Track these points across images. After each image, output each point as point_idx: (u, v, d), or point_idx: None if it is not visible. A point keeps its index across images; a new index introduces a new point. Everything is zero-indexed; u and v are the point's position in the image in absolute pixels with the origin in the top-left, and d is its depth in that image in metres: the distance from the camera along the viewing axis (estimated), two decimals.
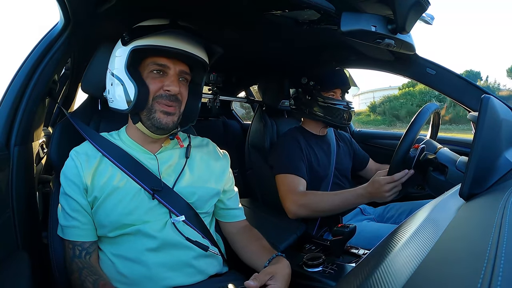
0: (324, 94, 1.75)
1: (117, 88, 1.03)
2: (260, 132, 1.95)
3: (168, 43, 0.99)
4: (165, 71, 1.04)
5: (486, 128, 0.67)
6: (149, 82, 1.03)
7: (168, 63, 1.03)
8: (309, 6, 0.98)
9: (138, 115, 1.05)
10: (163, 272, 1.00)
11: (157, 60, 1.03)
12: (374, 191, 1.37)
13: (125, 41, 1.02)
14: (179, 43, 1.00)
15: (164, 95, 1.03)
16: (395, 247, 0.57)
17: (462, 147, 1.88)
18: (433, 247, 0.47)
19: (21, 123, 1.09)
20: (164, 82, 1.03)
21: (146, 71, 1.04)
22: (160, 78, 1.04)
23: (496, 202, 0.50)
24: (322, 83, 1.77)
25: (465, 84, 1.57)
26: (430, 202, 0.78)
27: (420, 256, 0.46)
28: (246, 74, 2.52)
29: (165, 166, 1.09)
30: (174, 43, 0.99)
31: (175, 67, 1.04)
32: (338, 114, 1.73)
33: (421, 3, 1.07)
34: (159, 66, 1.03)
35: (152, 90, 1.03)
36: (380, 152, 2.30)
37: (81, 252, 1.02)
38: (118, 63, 1.03)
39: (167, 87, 1.02)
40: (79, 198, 1.01)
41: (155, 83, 1.03)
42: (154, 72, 1.04)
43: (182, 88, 1.07)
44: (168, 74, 1.05)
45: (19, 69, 1.12)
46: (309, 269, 1.21)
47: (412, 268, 0.44)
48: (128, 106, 1.02)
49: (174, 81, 1.04)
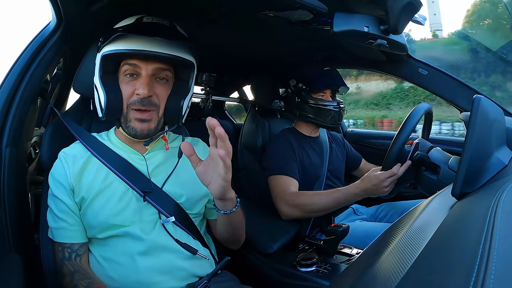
0: (313, 95, 1.74)
1: (95, 97, 1.03)
2: (253, 132, 1.95)
3: (136, 45, 0.95)
4: (137, 72, 1.00)
5: (478, 128, 0.68)
6: (122, 87, 1.01)
7: (138, 63, 0.99)
8: (302, 6, 0.98)
9: (118, 120, 1.05)
10: (154, 277, 0.98)
11: (129, 61, 1.00)
12: (371, 187, 1.37)
13: (99, 47, 1.00)
14: (149, 43, 0.96)
15: (136, 100, 1.00)
16: (388, 246, 0.57)
17: (454, 147, 1.90)
18: (426, 246, 0.48)
19: (12, 124, 1.08)
20: (135, 85, 1.00)
21: (121, 75, 1.02)
22: (132, 81, 1.01)
23: (488, 201, 0.50)
24: (311, 85, 1.76)
25: (457, 84, 1.59)
26: (423, 202, 0.78)
27: (412, 255, 0.47)
28: (239, 74, 2.52)
29: (154, 167, 1.08)
30: (143, 44, 0.95)
31: (148, 67, 1.00)
32: (329, 115, 1.73)
33: (414, 4, 1.08)
34: (131, 67, 1.00)
35: (125, 95, 1.01)
36: (372, 152, 2.31)
37: (70, 254, 1.00)
38: (96, 71, 1.02)
39: (137, 90, 0.99)
40: (66, 199, 1.00)
41: (127, 87, 1.01)
42: (127, 75, 1.01)
43: (159, 88, 1.03)
44: (140, 75, 1.00)
45: (11, 69, 1.11)
46: (302, 269, 1.22)
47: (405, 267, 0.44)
48: (102, 114, 1.01)
49: (144, 83, 0.99)
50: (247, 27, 1.35)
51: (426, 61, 1.64)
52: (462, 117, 1.32)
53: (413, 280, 0.41)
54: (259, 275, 1.33)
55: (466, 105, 1.55)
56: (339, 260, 1.27)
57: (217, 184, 0.87)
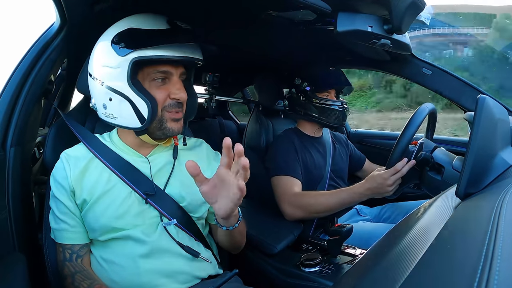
0: (319, 94, 1.74)
1: (123, 105, 0.97)
2: (256, 132, 1.95)
3: (172, 51, 0.94)
4: (168, 77, 1.00)
5: (482, 128, 0.67)
6: (154, 92, 0.98)
7: (171, 69, 0.99)
8: (305, 6, 0.98)
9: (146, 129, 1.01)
10: (155, 279, 0.98)
11: (160, 68, 0.98)
12: (375, 186, 1.37)
13: (120, 50, 0.94)
14: (182, 49, 0.96)
15: (173, 103, 1.00)
16: (392, 247, 0.57)
17: (458, 147, 1.89)
18: (430, 246, 0.48)
19: (17, 124, 1.09)
20: (170, 90, 0.99)
21: (147, 80, 0.98)
22: (164, 86, 1.00)
23: (492, 201, 0.50)
24: (316, 84, 1.75)
25: (461, 84, 1.58)
26: (427, 202, 0.78)
27: (416, 256, 0.46)
28: (242, 74, 2.52)
29: (157, 169, 1.07)
30: (177, 50, 0.95)
31: (178, 72, 1.01)
32: (333, 114, 1.73)
33: (417, 3, 1.07)
34: (163, 74, 0.99)
35: (159, 100, 0.98)
36: (376, 152, 2.30)
37: (71, 256, 1.00)
38: (116, 75, 0.95)
39: (175, 95, 0.99)
40: (66, 201, 1.00)
41: (161, 92, 0.99)
42: (158, 80, 0.99)
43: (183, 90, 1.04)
44: (171, 80, 1.00)
45: (15, 70, 1.12)
46: (306, 269, 1.21)
47: (409, 267, 0.44)
48: (142, 124, 0.97)
49: (180, 87, 1.00)
50: (251, 27, 1.35)
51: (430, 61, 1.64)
52: (466, 117, 1.31)
53: (417, 281, 0.41)
54: (262, 276, 1.33)
55: (470, 105, 1.54)
56: (342, 260, 1.27)
57: (224, 205, 0.85)
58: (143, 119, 0.96)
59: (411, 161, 1.31)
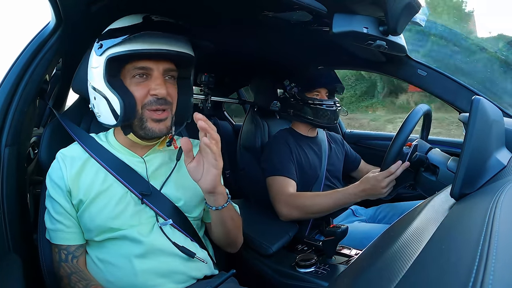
0: (308, 94, 1.74)
1: (101, 103, 0.98)
2: (252, 133, 1.95)
3: (146, 44, 0.92)
4: (148, 73, 0.98)
5: (477, 129, 0.68)
6: (133, 89, 0.97)
7: (150, 64, 0.97)
8: (301, 7, 0.98)
9: (129, 126, 1.01)
10: (151, 279, 0.97)
11: (138, 64, 0.96)
12: (369, 187, 1.38)
13: (98, 50, 0.96)
14: (158, 42, 0.94)
15: (152, 100, 0.97)
16: (387, 247, 0.57)
17: (453, 148, 1.90)
18: (425, 247, 0.48)
19: (12, 124, 1.08)
20: (150, 86, 0.97)
21: (128, 77, 0.98)
22: (144, 82, 0.98)
23: (487, 202, 0.50)
24: (303, 84, 1.77)
25: (456, 85, 1.59)
26: (422, 203, 0.79)
27: (411, 256, 0.47)
28: (238, 75, 2.52)
29: (153, 169, 1.06)
30: (153, 43, 0.93)
31: (159, 67, 0.98)
32: (324, 114, 1.72)
33: (413, 5, 1.08)
34: (142, 70, 0.97)
35: (138, 97, 0.97)
36: (371, 153, 2.31)
37: (67, 256, 1.00)
38: (96, 75, 0.97)
39: (154, 90, 0.96)
40: (62, 201, 0.99)
41: (140, 89, 0.97)
42: (137, 77, 0.98)
43: (170, 88, 1.01)
44: (152, 76, 0.98)
45: (10, 69, 1.11)
46: (301, 270, 1.22)
47: (404, 267, 0.44)
48: (117, 120, 0.96)
49: (160, 83, 0.97)
50: (246, 28, 1.35)
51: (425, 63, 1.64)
52: (461, 118, 1.32)
53: (412, 281, 0.41)
54: (258, 276, 1.33)
55: (466, 106, 1.55)
56: (338, 261, 1.27)
57: (208, 175, 0.91)
58: (117, 115, 0.96)
59: (405, 163, 1.32)
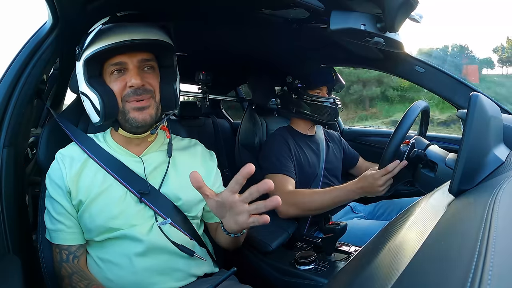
0: (310, 92, 1.76)
1: (87, 104, 1.03)
2: (250, 131, 1.95)
3: (114, 38, 0.95)
4: (124, 67, 1.01)
5: (475, 125, 0.68)
6: (112, 85, 1.01)
7: (123, 59, 1.00)
8: (298, 4, 0.98)
9: (116, 121, 1.04)
10: (151, 277, 0.98)
11: (113, 61, 1.00)
12: (367, 185, 1.38)
13: (77, 55, 1.01)
14: (127, 33, 0.96)
15: (130, 91, 1.00)
16: (386, 244, 0.57)
17: (451, 144, 1.90)
18: (423, 243, 0.48)
19: (9, 124, 1.07)
20: (126, 79, 1.00)
21: (107, 75, 1.02)
22: (121, 76, 1.01)
23: (485, 198, 0.50)
24: (308, 81, 1.78)
25: (454, 82, 1.59)
26: (420, 199, 0.79)
27: (410, 253, 0.47)
28: (236, 73, 2.52)
29: (151, 168, 1.07)
30: (120, 35, 0.96)
31: (133, 60, 1.00)
32: (325, 111, 1.75)
33: (410, 1, 1.08)
34: (117, 66, 1.01)
35: (117, 91, 1.01)
36: (369, 150, 2.31)
37: (68, 256, 1.00)
38: (80, 79, 1.02)
39: (129, 82, 0.99)
40: (63, 201, 1.00)
41: (118, 83, 1.01)
42: (115, 73, 1.01)
43: (149, 77, 1.04)
44: (128, 69, 1.01)
45: (7, 70, 1.10)
46: (300, 267, 1.22)
47: (403, 264, 0.44)
48: (100, 117, 1.00)
49: (134, 74, 1.00)
50: (244, 26, 1.34)
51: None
52: (459, 114, 1.32)
53: (411, 278, 0.41)
54: (257, 274, 1.33)
55: (464, 102, 1.55)
56: (337, 258, 1.27)
57: (233, 224, 0.89)
58: (99, 112, 0.99)
59: (403, 162, 1.32)
